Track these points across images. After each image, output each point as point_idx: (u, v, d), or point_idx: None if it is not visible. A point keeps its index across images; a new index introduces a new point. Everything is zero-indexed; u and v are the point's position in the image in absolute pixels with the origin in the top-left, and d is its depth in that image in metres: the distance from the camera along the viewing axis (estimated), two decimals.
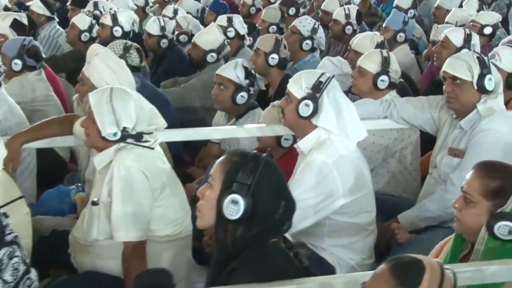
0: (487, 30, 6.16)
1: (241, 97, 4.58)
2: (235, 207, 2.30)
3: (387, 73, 4.29)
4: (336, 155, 3.37)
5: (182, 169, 4.76)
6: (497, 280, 2.42)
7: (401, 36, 6.44)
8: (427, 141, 4.28)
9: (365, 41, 5.30)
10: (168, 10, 7.54)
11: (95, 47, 4.04)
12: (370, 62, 4.33)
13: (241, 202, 2.30)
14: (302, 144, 3.47)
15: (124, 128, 3.14)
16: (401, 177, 4.31)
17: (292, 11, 7.97)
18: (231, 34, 6.26)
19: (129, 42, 5.13)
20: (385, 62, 4.29)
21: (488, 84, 3.62)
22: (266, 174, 2.35)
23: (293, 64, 5.86)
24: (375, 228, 3.59)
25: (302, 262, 2.36)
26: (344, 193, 3.38)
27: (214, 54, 5.63)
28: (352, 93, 4.62)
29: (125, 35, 6.07)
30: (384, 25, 6.69)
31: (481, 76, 3.61)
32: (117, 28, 6.04)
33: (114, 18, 6.06)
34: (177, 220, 3.29)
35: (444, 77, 3.73)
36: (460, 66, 3.66)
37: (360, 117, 3.95)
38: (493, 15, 6.26)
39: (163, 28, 6.36)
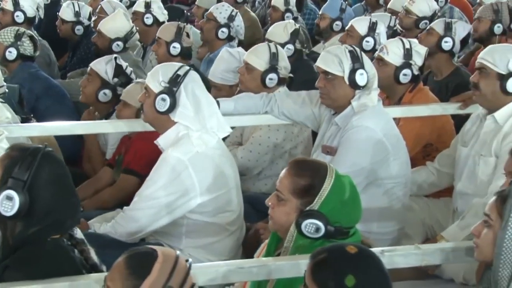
0: (423, 25, 6.26)
1: (104, 95, 4.86)
2: (9, 203, 2.58)
3: (275, 71, 4.60)
4: (193, 151, 3.70)
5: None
6: (283, 275, 2.76)
7: (337, 25, 6.73)
8: None
9: (278, 30, 5.65)
10: None
11: None
12: (257, 59, 4.63)
13: (16, 198, 2.58)
14: (162, 141, 3.81)
15: None
16: None
17: None
18: (149, 21, 6.48)
19: (22, 29, 5.46)
20: (273, 58, 4.59)
21: (360, 80, 3.95)
22: (45, 169, 2.64)
23: (209, 54, 6.16)
24: (241, 228, 3.95)
25: (88, 260, 2.68)
26: (202, 192, 3.72)
27: (120, 43, 5.93)
28: None
29: (28, 21, 6.38)
30: (320, 13, 6.98)
31: (353, 71, 3.93)
32: (18, 13, 6.32)
33: (15, 2, 6.34)
34: None
35: (318, 72, 4.06)
36: (331, 61, 3.98)
37: (240, 111, 4.34)
38: (430, 6, 6.48)
39: (77, 14, 6.70)
